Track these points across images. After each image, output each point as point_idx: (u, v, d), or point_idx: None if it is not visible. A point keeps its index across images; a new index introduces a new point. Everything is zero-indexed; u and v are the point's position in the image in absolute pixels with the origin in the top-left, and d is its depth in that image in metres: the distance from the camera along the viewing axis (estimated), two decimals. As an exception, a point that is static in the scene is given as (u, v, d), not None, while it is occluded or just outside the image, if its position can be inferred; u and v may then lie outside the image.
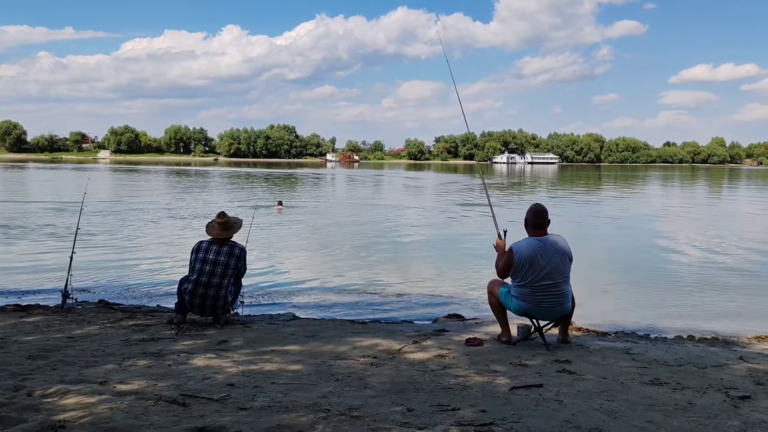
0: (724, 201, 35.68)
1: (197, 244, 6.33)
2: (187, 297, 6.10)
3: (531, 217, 5.48)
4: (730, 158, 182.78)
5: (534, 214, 5.47)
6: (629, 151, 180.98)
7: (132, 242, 14.05)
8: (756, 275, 11.13)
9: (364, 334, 5.92)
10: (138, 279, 9.83)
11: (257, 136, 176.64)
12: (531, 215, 5.49)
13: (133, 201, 26.28)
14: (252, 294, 8.50)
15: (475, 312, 7.71)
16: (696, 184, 56.82)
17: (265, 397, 3.79)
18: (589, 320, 7.07)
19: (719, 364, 4.99)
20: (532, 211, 5.50)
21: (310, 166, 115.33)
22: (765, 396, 4.08)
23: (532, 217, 5.47)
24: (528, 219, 5.50)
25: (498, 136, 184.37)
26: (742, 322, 7.68)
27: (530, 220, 5.48)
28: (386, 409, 3.62)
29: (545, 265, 5.27)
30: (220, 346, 5.30)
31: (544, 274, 5.26)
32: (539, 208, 5.52)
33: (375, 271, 11.00)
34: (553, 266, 5.28)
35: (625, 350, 5.50)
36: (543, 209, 5.50)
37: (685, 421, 3.55)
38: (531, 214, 5.49)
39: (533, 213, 5.48)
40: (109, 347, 5.14)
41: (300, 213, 22.35)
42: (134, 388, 3.92)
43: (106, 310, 6.98)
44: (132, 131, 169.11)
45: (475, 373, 4.51)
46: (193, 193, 33.13)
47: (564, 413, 3.61)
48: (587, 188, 46.59)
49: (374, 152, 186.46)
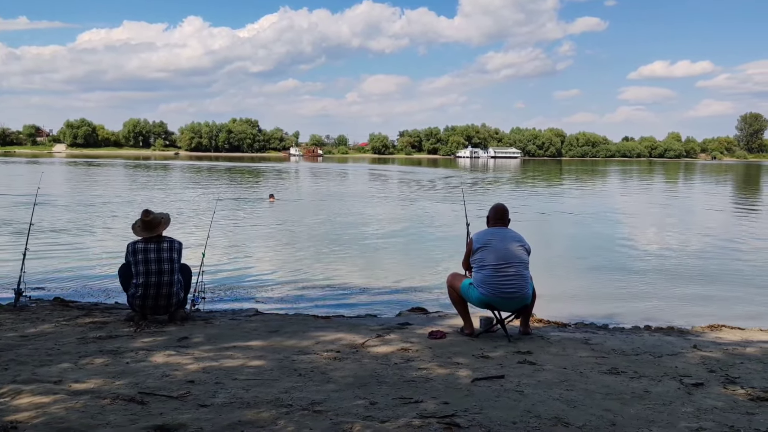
0: (680, 195, 36.70)
1: (131, 246, 6.04)
2: (138, 302, 5.94)
3: (492, 214, 5.84)
4: (686, 153, 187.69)
5: (495, 210, 5.85)
6: (589, 146, 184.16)
7: (89, 238, 13.71)
8: (709, 265, 11.48)
9: (328, 329, 5.90)
10: (95, 275, 9.59)
11: (219, 130, 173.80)
12: (492, 212, 5.86)
13: (90, 195, 25.62)
14: (214, 289, 8.39)
15: (438, 305, 7.76)
16: (653, 179, 58.29)
17: (226, 394, 3.74)
18: (549, 312, 7.19)
19: (674, 353, 5.13)
20: (493, 208, 5.88)
21: (274, 160, 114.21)
22: (717, 383, 4.21)
23: (494, 213, 5.84)
24: (489, 216, 5.86)
25: (461, 130, 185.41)
26: (696, 311, 7.93)
27: (491, 216, 5.84)
28: (349, 403, 3.61)
29: (502, 248, 5.52)
30: (181, 342, 5.21)
31: (501, 254, 5.48)
32: (500, 206, 5.90)
33: (340, 265, 10.98)
34: (510, 250, 5.53)
35: (584, 340, 5.61)
36: (504, 207, 5.88)
37: (642, 408, 3.64)
38: (492, 211, 5.86)
39: (494, 210, 5.86)
40: (65, 345, 5.00)
41: (262, 207, 22.13)
42: (90, 386, 3.83)
43: (61, 308, 6.79)
44: (89, 124, 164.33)
45: (437, 366, 4.53)
46: (152, 187, 32.49)
47: (525, 403, 3.67)
48: (548, 182, 47.34)
49: (338, 146, 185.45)
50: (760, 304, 8.54)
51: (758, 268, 11.20)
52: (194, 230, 14.69)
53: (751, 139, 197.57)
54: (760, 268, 11.28)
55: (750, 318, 7.45)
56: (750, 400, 3.82)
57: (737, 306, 8.40)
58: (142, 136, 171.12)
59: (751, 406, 3.69)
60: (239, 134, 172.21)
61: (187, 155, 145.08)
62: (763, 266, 11.43)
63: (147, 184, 36.42)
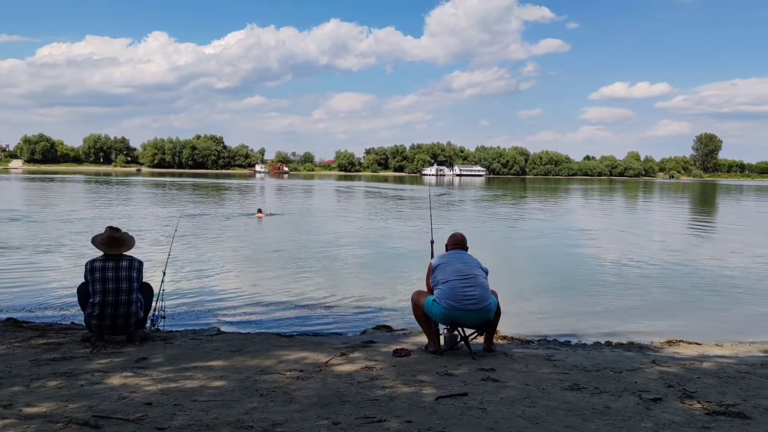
0: (639, 212, 37.58)
1: (90, 264, 5.87)
2: (95, 321, 5.78)
3: (451, 242, 6.10)
4: (645, 171, 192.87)
5: (454, 238, 6.11)
6: (552, 164, 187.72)
7: (44, 256, 13.31)
8: (668, 282, 11.74)
9: (291, 347, 5.83)
10: (51, 295, 9.30)
11: (183, 146, 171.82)
12: (451, 240, 6.12)
13: (46, 212, 24.92)
14: (175, 309, 8.22)
15: (403, 323, 7.75)
16: (614, 197, 59.59)
17: (184, 416, 3.65)
18: (513, 329, 7.25)
19: (634, 368, 5.21)
20: (452, 236, 6.15)
21: (238, 177, 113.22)
22: (674, 397, 4.29)
23: (452, 241, 6.10)
24: (448, 243, 6.11)
25: (427, 148, 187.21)
26: (655, 327, 8.09)
27: (450, 243, 6.10)
28: (311, 424, 3.56)
29: (460, 265, 5.68)
30: (139, 363, 5.08)
31: (460, 267, 5.64)
32: (458, 234, 6.16)
33: (305, 283, 10.88)
34: (468, 266, 5.69)
35: (546, 357, 5.66)
36: (462, 235, 6.14)
37: (602, 424, 3.68)
38: (451, 239, 6.12)
39: (453, 238, 6.13)
40: (16, 368, 4.83)
41: (226, 224, 21.85)
42: (42, 410, 3.69)
43: (14, 329, 6.56)
44: (47, 140, 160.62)
45: (402, 384, 4.51)
46: (111, 204, 31.81)
47: (487, 420, 3.67)
48: (513, 200, 47.97)
49: (304, 163, 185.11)
50: (717, 320, 8.77)
51: (715, 285, 11.50)
52: (155, 248, 14.41)
53: (707, 159, 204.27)
54: (717, 284, 11.59)
55: (706, 333, 7.63)
56: (706, 414, 3.90)
57: (694, 321, 8.60)
58: (103, 152, 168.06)
59: (707, 420, 3.77)
60: (203, 151, 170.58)
61: (150, 171, 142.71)
62: (720, 283, 11.74)
63: (106, 200, 35.62)
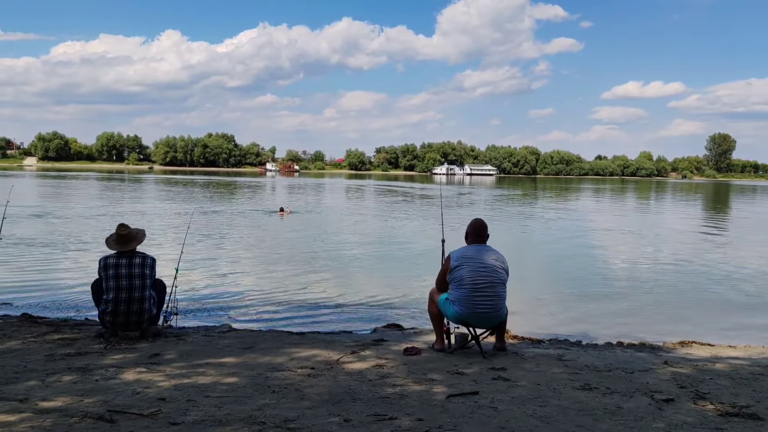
0: (652, 213, 37.34)
1: (103, 260, 5.92)
2: (109, 317, 5.84)
3: (471, 230, 5.71)
4: (657, 171, 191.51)
5: (474, 227, 5.70)
6: (563, 164, 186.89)
7: (59, 252, 13.45)
8: (680, 283, 11.68)
9: (302, 345, 5.86)
10: (65, 291, 9.40)
11: (194, 144, 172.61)
12: (471, 228, 5.72)
13: (61, 209, 25.17)
14: (187, 305, 8.28)
15: (414, 321, 7.77)
16: (626, 197, 59.24)
17: (198, 411, 3.68)
18: (524, 328, 7.24)
19: (645, 369, 5.19)
20: (472, 224, 5.74)
21: (249, 176, 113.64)
22: (687, 398, 4.27)
23: (473, 230, 5.70)
24: (468, 232, 5.73)
25: (438, 147, 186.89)
26: (667, 328, 8.04)
27: (470, 232, 5.71)
28: (323, 420, 3.58)
29: (480, 267, 5.40)
30: (152, 359, 5.13)
31: (480, 273, 5.38)
32: (479, 222, 5.76)
33: (316, 281, 10.92)
34: (488, 269, 5.42)
35: (558, 357, 5.65)
36: (483, 223, 5.75)
37: (613, 424, 3.67)
38: (471, 227, 5.72)
39: (473, 226, 5.71)
40: (32, 363, 4.89)
41: (247, 222, 21.96)
42: (58, 405, 3.74)
43: (29, 324, 6.63)
44: (61, 138, 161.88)
45: (412, 382, 4.53)
46: (125, 201, 32.05)
47: (498, 419, 3.68)
48: (523, 200, 47.81)
49: (315, 162, 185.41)
50: (730, 321, 8.70)
51: (728, 286, 11.42)
52: (169, 245, 14.51)
53: (720, 159, 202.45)
54: (730, 285, 11.51)
55: (719, 334, 7.58)
56: (719, 415, 3.88)
57: (707, 323, 8.55)
58: (115, 149, 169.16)
59: (720, 421, 3.75)
60: (215, 149, 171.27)
61: (162, 169, 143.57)
62: (733, 284, 11.66)
63: (120, 197, 35.91)
